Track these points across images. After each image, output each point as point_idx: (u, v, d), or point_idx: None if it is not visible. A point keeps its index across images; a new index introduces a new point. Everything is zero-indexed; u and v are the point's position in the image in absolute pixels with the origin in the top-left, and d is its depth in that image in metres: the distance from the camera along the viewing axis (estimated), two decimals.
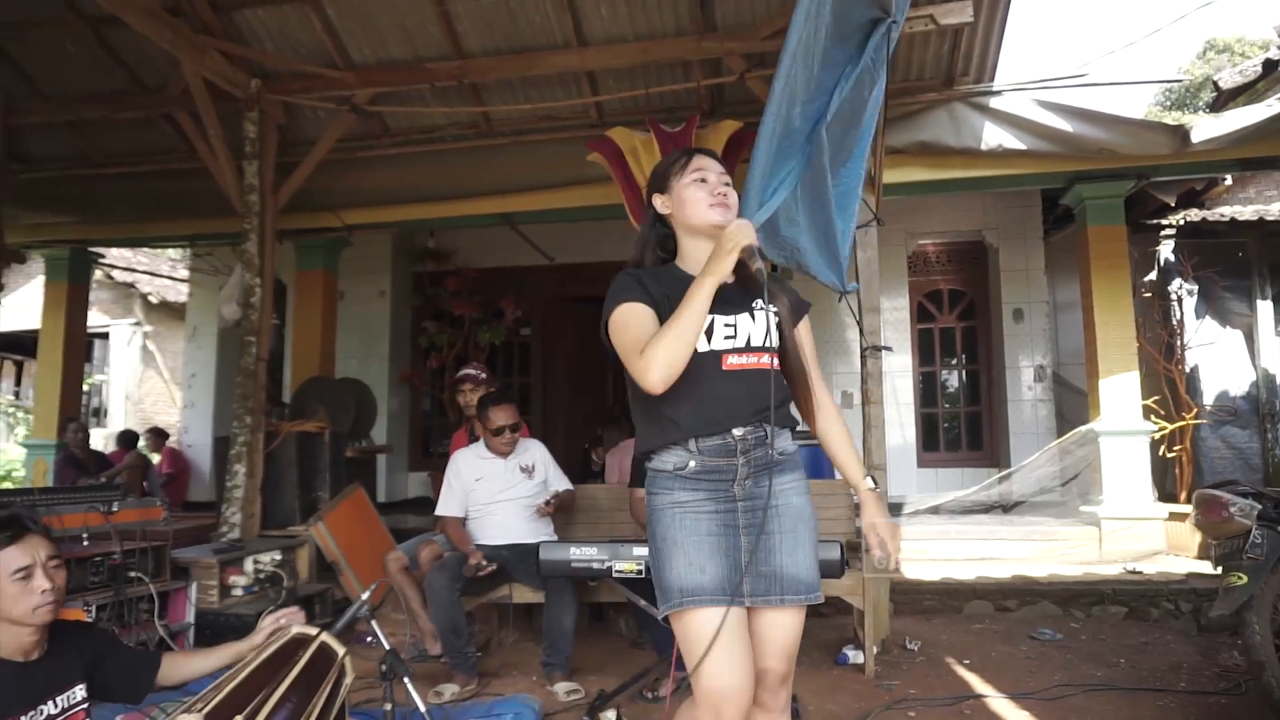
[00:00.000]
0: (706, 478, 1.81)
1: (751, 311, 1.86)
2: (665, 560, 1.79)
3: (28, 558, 2.01)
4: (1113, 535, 5.51)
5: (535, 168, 5.72)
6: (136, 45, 5.31)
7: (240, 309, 4.93)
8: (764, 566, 1.79)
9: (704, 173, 1.92)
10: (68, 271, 7.38)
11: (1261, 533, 3.01)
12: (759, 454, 1.82)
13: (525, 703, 3.27)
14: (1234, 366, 6.86)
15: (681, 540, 1.78)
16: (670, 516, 1.81)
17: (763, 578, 1.79)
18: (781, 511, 1.83)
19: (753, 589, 1.78)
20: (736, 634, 1.73)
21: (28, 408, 13.70)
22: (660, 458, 1.85)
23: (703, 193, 1.89)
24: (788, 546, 1.81)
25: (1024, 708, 3.31)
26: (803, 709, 3.25)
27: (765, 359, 1.84)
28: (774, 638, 1.80)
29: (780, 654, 1.80)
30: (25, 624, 2.01)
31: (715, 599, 1.73)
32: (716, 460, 1.81)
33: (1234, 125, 4.83)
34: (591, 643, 4.36)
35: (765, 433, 1.83)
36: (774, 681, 1.80)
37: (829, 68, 2.89)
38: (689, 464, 1.81)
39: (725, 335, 1.83)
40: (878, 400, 4.24)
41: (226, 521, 4.67)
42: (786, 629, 1.80)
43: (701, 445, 1.81)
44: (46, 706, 2.12)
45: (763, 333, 1.84)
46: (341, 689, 2.49)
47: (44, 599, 2.00)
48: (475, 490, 4.01)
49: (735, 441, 1.81)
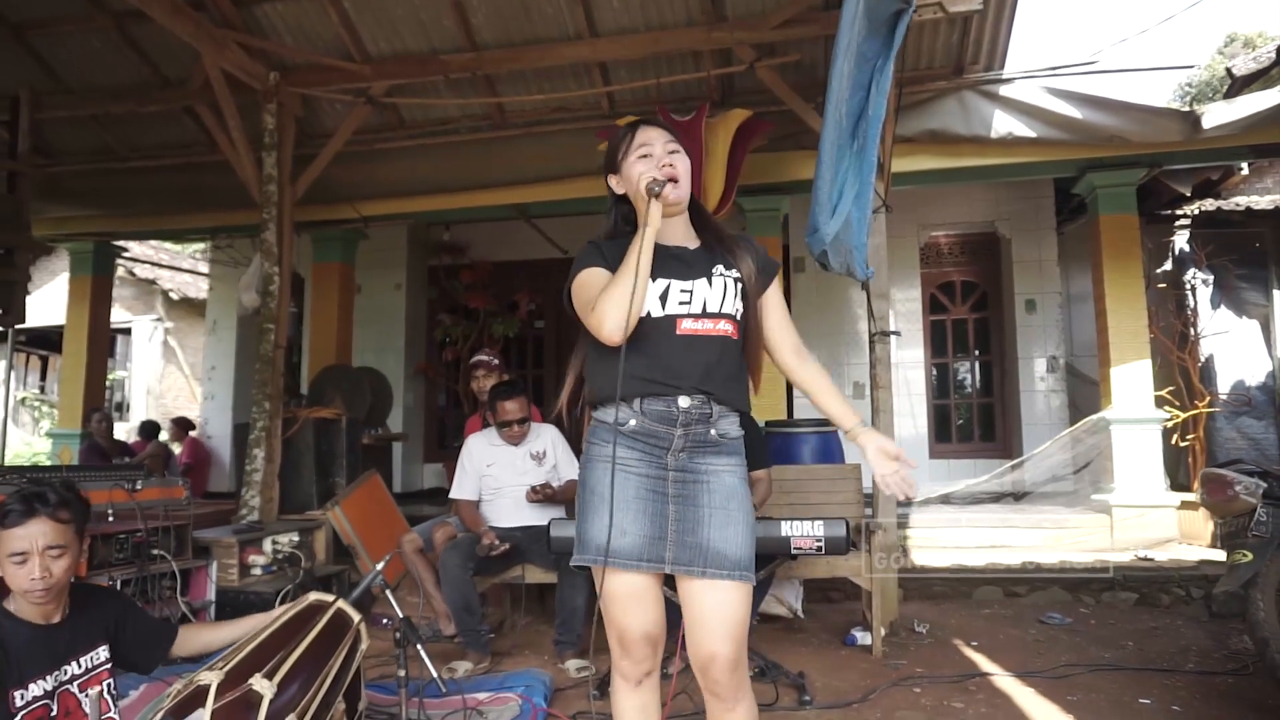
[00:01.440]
0: (643, 439, 1.84)
1: (710, 277, 1.88)
2: (588, 512, 1.83)
3: (26, 543, 2.01)
4: (1124, 523, 5.51)
5: (548, 158, 5.78)
6: (159, 40, 5.42)
7: (259, 297, 5.03)
8: (690, 537, 1.80)
9: (648, 147, 1.91)
10: (92, 265, 7.53)
11: (1267, 511, 3.02)
12: (699, 430, 1.84)
13: (536, 676, 3.35)
14: (1250, 356, 6.83)
15: (607, 497, 1.79)
16: (602, 469, 1.83)
17: (687, 548, 1.79)
18: (713, 488, 1.83)
19: (675, 558, 1.80)
20: (645, 590, 1.82)
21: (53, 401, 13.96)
22: (604, 410, 1.88)
23: (645, 166, 1.88)
24: (718, 521, 1.80)
25: (1030, 685, 3.34)
26: (809, 685, 3.29)
27: (723, 325, 1.86)
28: (712, 617, 1.78)
29: (723, 635, 1.77)
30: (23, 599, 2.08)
31: (630, 563, 1.78)
32: (656, 425, 1.83)
33: (1245, 111, 4.82)
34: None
35: (710, 411, 1.84)
36: (724, 666, 1.77)
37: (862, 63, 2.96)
38: (629, 421, 1.84)
39: (680, 300, 1.85)
40: (886, 385, 4.28)
41: (246, 504, 4.77)
42: (723, 606, 1.78)
43: (645, 407, 1.84)
44: (70, 667, 2.20)
45: (719, 299, 1.86)
46: (357, 655, 2.56)
47: (32, 586, 2.02)
48: (487, 475, 4.08)
49: (679, 412, 1.83)
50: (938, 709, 3.10)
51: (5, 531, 2.01)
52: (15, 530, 2.01)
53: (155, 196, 6.57)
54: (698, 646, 1.80)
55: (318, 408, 5.40)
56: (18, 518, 2.02)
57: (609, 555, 1.78)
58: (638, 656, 1.85)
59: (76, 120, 6.23)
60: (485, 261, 8.20)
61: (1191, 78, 18.12)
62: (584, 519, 1.85)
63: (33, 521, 2.03)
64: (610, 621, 1.85)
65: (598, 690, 3.31)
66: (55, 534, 2.06)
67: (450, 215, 7.07)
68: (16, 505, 2.04)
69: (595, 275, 1.86)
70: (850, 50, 2.70)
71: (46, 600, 2.08)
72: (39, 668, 2.09)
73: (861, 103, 3.03)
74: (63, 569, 2.09)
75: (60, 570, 2.07)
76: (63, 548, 2.08)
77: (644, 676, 1.88)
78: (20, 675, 2.04)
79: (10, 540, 2.01)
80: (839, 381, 7.51)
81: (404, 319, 8.30)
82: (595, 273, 1.87)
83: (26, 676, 2.05)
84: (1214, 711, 3.05)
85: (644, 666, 1.86)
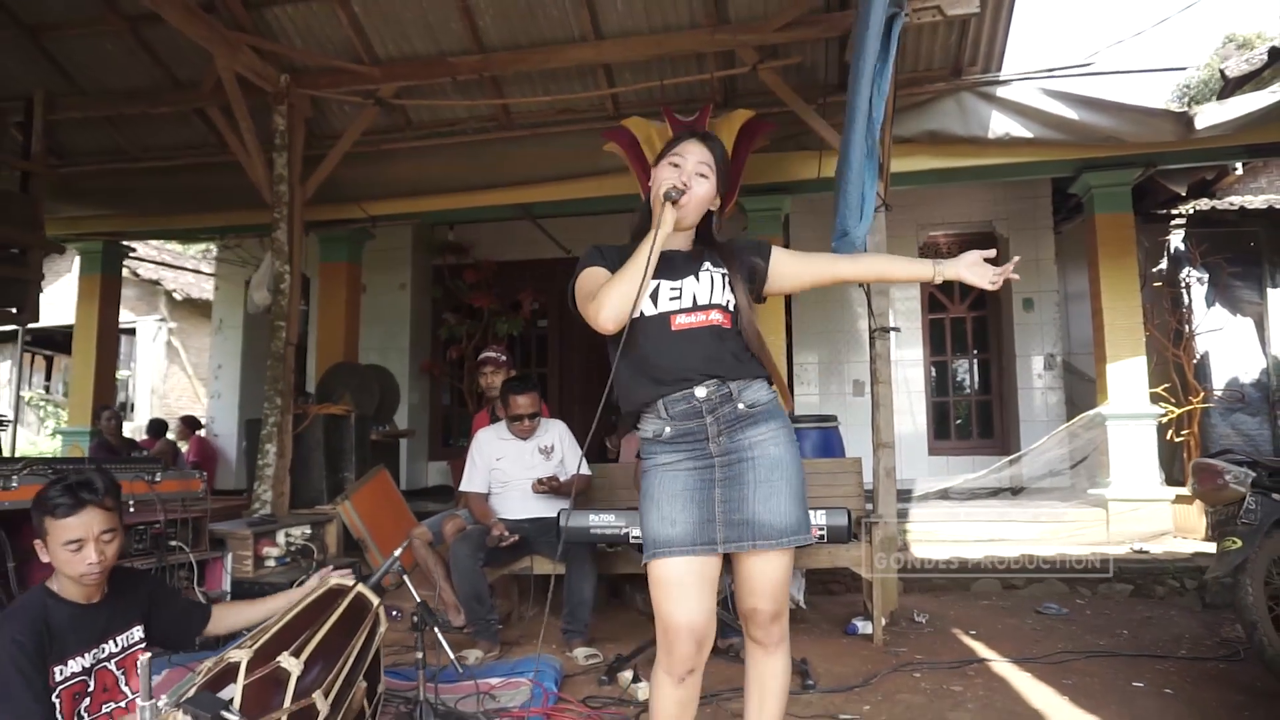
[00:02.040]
0: (682, 440, 1.95)
1: (697, 274, 1.98)
2: (644, 516, 1.96)
3: (82, 531, 2.13)
4: (1120, 517, 5.61)
5: (553, 159, 5.88)
6: (171, 42, 5.51)
7: (270, 295, 5.12)
8: (736, 515, 1.90)
9: (681, 158, 2.00)
10: (101, 264, 7.64)
11: (1255, 499, 3.13)
12: (726, 410, 1.93)
13: (547, 662, 3.44)
14: (1244, 353, 6.93)
15: (657, 497, 1.93)
16: (652, 476, 1.97)
17: (735, 526, 1.90)
18: (758, 463, 1.92)
19: (725, 537, 1.90)
20: (694, 579, 1.89)
21: (58, 401, 14.05)
22: (643, 427, 2.01)
23: (669, 173, 1.98)
24: (762, 495, 1.90)
25: (1026, 670, 3.44)
26: (811, 670, 3.38)
27: (715, 315, 1.95)
28: (755, 579, 1.93)
29: (764, 594, 1.93)
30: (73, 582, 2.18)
31: (680, 550, 1.89)
32: (687, 423, 1.94)
33: (1238, 112, 4.91)
34: (609, 616, 4.52)
35: (729, 390, 1.94)
36: (764, 619, 1.95)
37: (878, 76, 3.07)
38: (664, 430, 1.96)
39: (670, 297, 1.96)
40: (886, 380, 4.37)
41: (258, 498, 4.86)
42: (766, 571, 1.92)
43: (671, 410, 1.94)
44: (108, 645, 2.30)
45: (708, 291, 1.96)
46: (376, 636, 2.66)
47: (89, 569, 2.14)
48: (496, 468, 4.17)
49: (700, 403, 1.93)
50: (937, 692, 3.20)
51: (59, 521, 2.11)
52: (69, 520, 2.12)
53: (165, 196, 6.66)
54: (741, 601, 1.97)
55: (328, 404, 5.50)
56: (69, 509, 2.13)
57: (662, 547, 1.89)
58: (681, 655, 1.87)
59: (89, 121, 6.32)
60: (489, 261, 8.29)
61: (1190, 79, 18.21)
62: (642, 524, 1.97)
63: (84, 511, 2.14)
64: (658, 614, 1.92)
65: (606, 675, 3.40)
66: (105, 520, 2.18)
67: (456, 215, 7.16)
68: (65, 498, 2.14)
69: (596, 273, 1.99)
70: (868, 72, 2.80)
71: (100, 582, 2.20)
72: (79, 645, 2.19)
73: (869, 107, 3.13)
74: (114, 551, 2.21)
75: (112, 553, 2.20)
76: (114, 531, 2.20)
77: (687, 675, 1.91)
78: (61, 652, 2.14)
79: (66, 530, 2.11)
80: (839, 379, 7.62)
81: (409, 318, 8.40)
82: (596, 271, 2.00)
83: (67, 653, 2.15)
84: (1204, 694, 3.13)
85: (686, 665, 1.88)
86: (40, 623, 2.11)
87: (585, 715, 2.96)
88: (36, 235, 5.69)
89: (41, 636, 2.09)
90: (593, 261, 2.03)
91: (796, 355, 7.66)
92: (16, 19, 5.52)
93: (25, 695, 2.01)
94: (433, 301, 8.69)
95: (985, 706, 3.02)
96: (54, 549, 2.13)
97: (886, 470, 4.25)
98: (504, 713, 2.95)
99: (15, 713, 1.98)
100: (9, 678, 2.01)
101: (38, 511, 2.13)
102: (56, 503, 2.12)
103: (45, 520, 2.12)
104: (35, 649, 2.06)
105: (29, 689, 2.02)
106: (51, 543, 2.12)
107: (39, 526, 2.13)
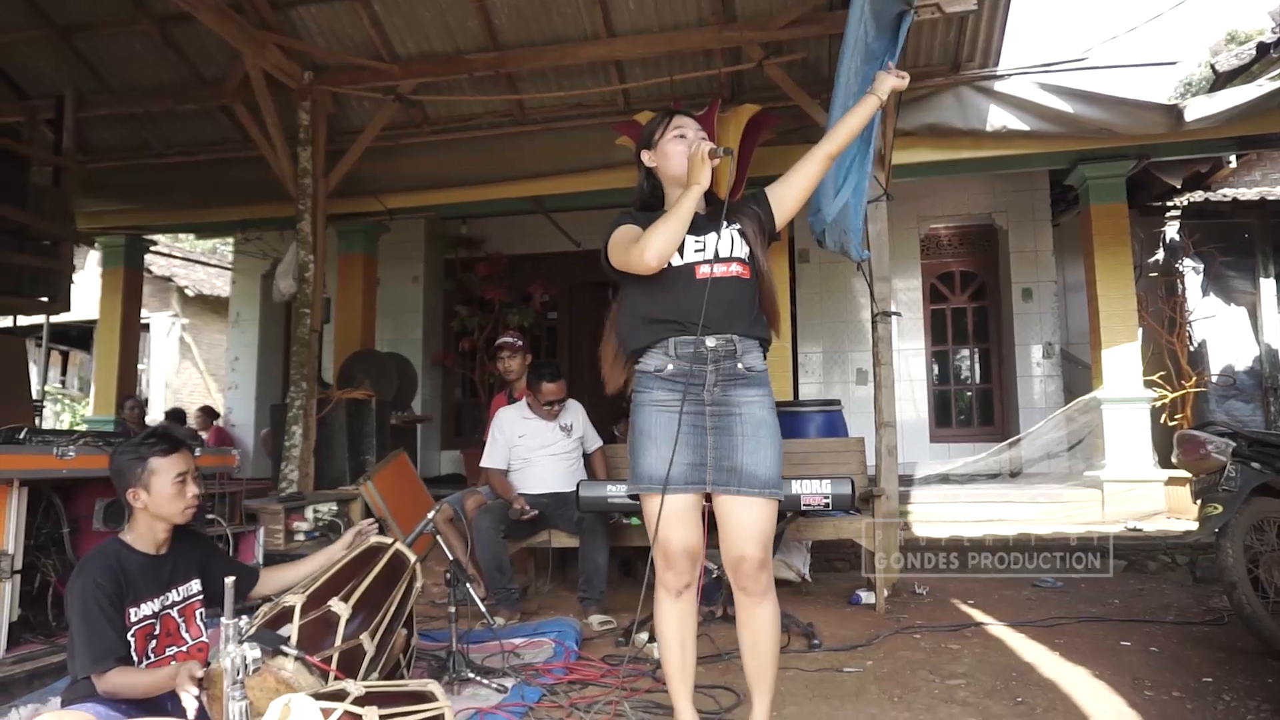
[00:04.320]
0: (680, 379, 2.15)
1: (719, 230, 2.19)
2: (640, 450, 2.16)
3: (184, 464, 2.39)
4: (1114, 497, 5.79)
5: (565, 153, 6.08)
6: (197, 41, 5.73)
7: (295, 283, 5.32)
8: (726, 462, 2.12)
9: (682, 129, 2.25)
10: (124, 258, 7.87)
11: (1235, 468, 3.31)
12: (727, 365, 2.16)
13: (568, 623, 3.64)
14: (1238, 342, 7.11)
15: (655, 436, 2.14)
16: (648, 413, 2.16)
17: (724, 471, 2.12)
18: (745, 420, 2.14)
19: (714, 480, 2.13)
20: (687, 510, 2.13)
21: (74, 395, 14.29)
22: (644, 360, 2.20)
23: (681, 146, 2.23)
24: (749, 448, 2.11)
25: (1020, 633, 3.62)
26: (818, 633, 3.58)
27: (735, 267, 2.18)
28: (743, 524, 2.11)
29: (751, 539, 2.11)
30: (170, 520, 2.40)
31: (677, 488, 2.12)
32: (690, 365, 2.15)
33: (1226, 104, 5.10)
34: (621, 591, 4.71)
35: (735, 348, 2.16)
36: (752, 568, 2.12)
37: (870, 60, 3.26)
38: (667, 366, 2.16)
39: (695, 249, 2.18)
40: (887, 362, 4.56)
41: (285, 478, 5.07)
42: (752, 517, 2.11)
43: (678, 350, 2.15)
44: (171, 594, 2.50)
45: (729, 246, 2.18)
46: (413, 592, 2.87)
47: (191, 502, 2.39)
48: (518, 445, 4.38)
49: (707, 351, 2.15)
50: (935, 650, 3.39)
51: (167, 458, 2.37)
52: (175, 456, 2.38)
53: (189, 191, 6.88)
54: (730, 549, 2.14)
55: (350, 390, 5.70)
56: (172, 448, 2.39)
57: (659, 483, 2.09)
58: (680, 568, 2.15)
59: (117, 118, 6.54)
60: (500, 255, 8.48)
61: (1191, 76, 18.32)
62: (636, 456, 2.17)
63: (181, 451, 2.41)
64: (658, 540, 2.14)
65: (623, 637, 3.61)
66: (191, 461, 2.45)
67: (470, 208, 7.35)
68: (164, 441, 2.41)
69: (631, 228, 2.20)
70: (859, 48, 2.99)
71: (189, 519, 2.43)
72: (149, 591, 2.39)
73: None
74: (202, 489, 2.49)
75: (201, 489, 2.47)
76: (197, 471, 2.47)
77: (684, 589, 2.18)
78: (135, 595, 2.34)
79: (174, 464, 2.37)
80: (842, 368, 7.81)
81: (421, 311, 8.60)
82: (631, 227, 2.21)
83: (140, 597, 2.36)
84: (1188, 652, 3.32)
85: (684, 579, 2.17)
86: (116, 568, 2.31)
87: (605, 670, 3.15)
88: (68, 228, 5.90)
89: (118, 580, 2.30)
90: (625, 222, 2.23)
91: (801, 345, 7.84)
92: (49, 20, 5.74)
93: (107, 629, 2.22)
94: (445, 294, 8.89)
95: (980, 661, 3.22)
96: (160, 488, 2.35)
97: (889, 448, 4.44)
98: (529, 666, 3.16)
99: (102, 644, 2.19)
100: (92, 613, 2.21)
101: (138, 459, 2.36)
102: (161, 445, 2.38)
103: (151, 460, 2.35)
104: (114, 591, 2.27)
105: (111, 624, 2.23)
106: (158, 481, 2.35)
107: (137, 475, 2.35)
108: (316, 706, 1.95)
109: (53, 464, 3.12)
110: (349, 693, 2.05)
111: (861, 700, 2.79)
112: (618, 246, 2.18)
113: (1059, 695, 2.79)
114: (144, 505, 2.36)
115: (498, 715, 2.61)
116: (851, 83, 3.02)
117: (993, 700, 2.75)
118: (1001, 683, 2.93)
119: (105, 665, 2.18)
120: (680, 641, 2.19)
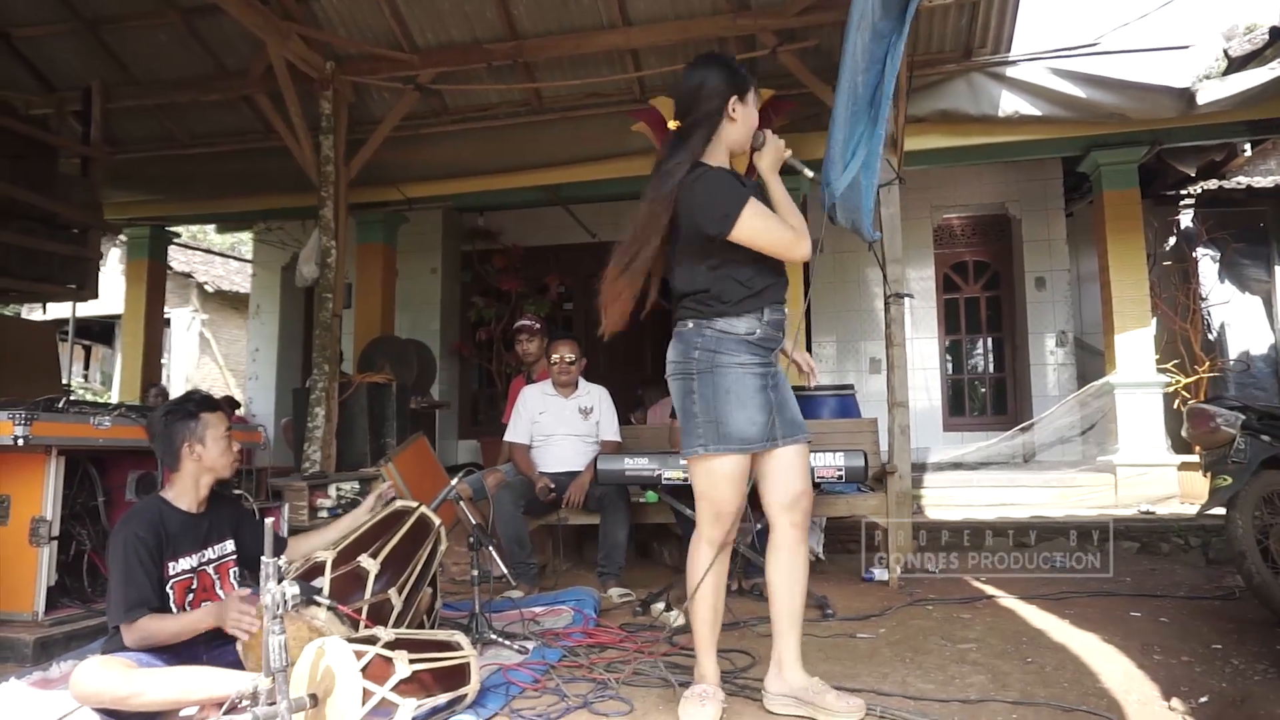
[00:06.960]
0: (764, 344, 2.34)
1: None
2: (727, 410, 2.27)
3: (227, 421, 2.60)
4: (1128, 481, 5.82)
5: (582, 141, 6.17)
6: (221, 33, 5.85)
7: (318, 269, 5.43)
8: (786, 415, 2.38)
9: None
10: (148, 249, 8.02)
11: (1245, 440, 3.35)
12: (781, 335, 2.41)
13: (586, 592, 3.73)
14: (1253, 330, 7.10)
15: (743, 397, 2.28)
16: (735, 375, 2.29)
17: (787, 423, 2.37)
18: (781, 379, 2.41)
19: (782, 433, 2.36)
20: (746, 471, 2.33)
21: (96, 389, 14.51)
22: (730, 322, 2.30)
23: (755, 120, 2.43)
24: (792, 402, 2.42)
25: (1031, 604, 3.68)
26: (831, 604, 3.65)
27: None
28: (796, 466, 2.38)
29: (802, 475, 2.38)
30: (216, 473, 2.55)
31: (756, 446, 2.31)
32: (774, 332, 2.35)
33: (1239, 88, 5.12)
34: (639, 569, 4.79)
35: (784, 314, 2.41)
36: (807, 502, 2.39)
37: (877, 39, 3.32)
38: (756, 330, 2.32)
39: None
40: (900, 343, 4.61)
41: (308, 458, 5.18)
42: (804, 458, 2.40)
43: (769, 318, 2.34)
44: (207, 551, 2.61)
45: None
46: (437, 555, 2.96)
47: (236, 456, 2.61)
48: (539, 422, 4.47)
49: (783, 320, 2.38)
50: (947, 619, 3.46)
51: (214, 414, 2.57)
52: (219, 413, 2.59)
53: (213, 181, 7.01)
54: (788, 490, 2.36)
55: (371, 374, 5.81)
56: (210, 408, 2.58)
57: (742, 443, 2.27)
58: (726, 525, 2.33)
59: (142, 109, 6.67)
60: (517, 246, 8.58)
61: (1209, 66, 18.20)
62: (724, 416, 2.27)
63: (221, 409, 2.62)
64: (714, 500, 2.31)
65: (641, 607, 3.68)
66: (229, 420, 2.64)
67: (488, 197, 7.41)
68: (202, 401, 2.61)
69: (762, 208, 2.31)
70: (865, 25, 3.04)
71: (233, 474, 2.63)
72: (187, 546, 2.51)
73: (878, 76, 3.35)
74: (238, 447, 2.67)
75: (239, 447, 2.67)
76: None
77: (722, 547, 2.36)
78: (174, 550, 2.45)
79: (221, 419, 2.58)
80: (855, 357, 7.86)
81: (439, 301, 8.70)
82: (761, 205, 2.32)
83: (179, 552, 2.47)
84: (1198, 624, 3.36)
85: (730, 534, 2.38)
86: (158, 524, 2.42)
87: (622, 636, 3.23)
88: (96, 217, 6.03)
89: (159, 534, 2.40)
90: (748, 193, 2.30)
91: (815, 335, 7.90)
92: (77, 13, 5.88)
93: (144, 580, 2.33)
94: (462, 285, 8.99)
95: (991, 628, 3.28)
96: (212, 441, 2.54)
97: (901, 427, 4.49)
98: (548, 631, 3.24)
99: (138, 593, 2.30)
100: (132, 565, 2.32)
101: (191, 416, 2.54)
102: (207, 405, 2.60)
103: (204, 415, 2.55)
104: (155, 545, 2.38)
105: (148, 576, 2.34)
106: (210, 434, 2.54)
107: (192, 430, 2.53)
108: (350, 648, 2.05)
109: (90, 432, 3.24)
110: (380, 638, 2.15)
111: (874, 662, 2.85)
112: (767, 228, 2.27)
113: (1068, 656, 2.84)
114: (199, 457, 2.51)
115: (521, 672, 2.69)
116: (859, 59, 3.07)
117: (1003, 660, 2.81)
118: (1012, 646, 2.99)
119: (139, 614, 2.30)
120: (715, 594, 2.34)
